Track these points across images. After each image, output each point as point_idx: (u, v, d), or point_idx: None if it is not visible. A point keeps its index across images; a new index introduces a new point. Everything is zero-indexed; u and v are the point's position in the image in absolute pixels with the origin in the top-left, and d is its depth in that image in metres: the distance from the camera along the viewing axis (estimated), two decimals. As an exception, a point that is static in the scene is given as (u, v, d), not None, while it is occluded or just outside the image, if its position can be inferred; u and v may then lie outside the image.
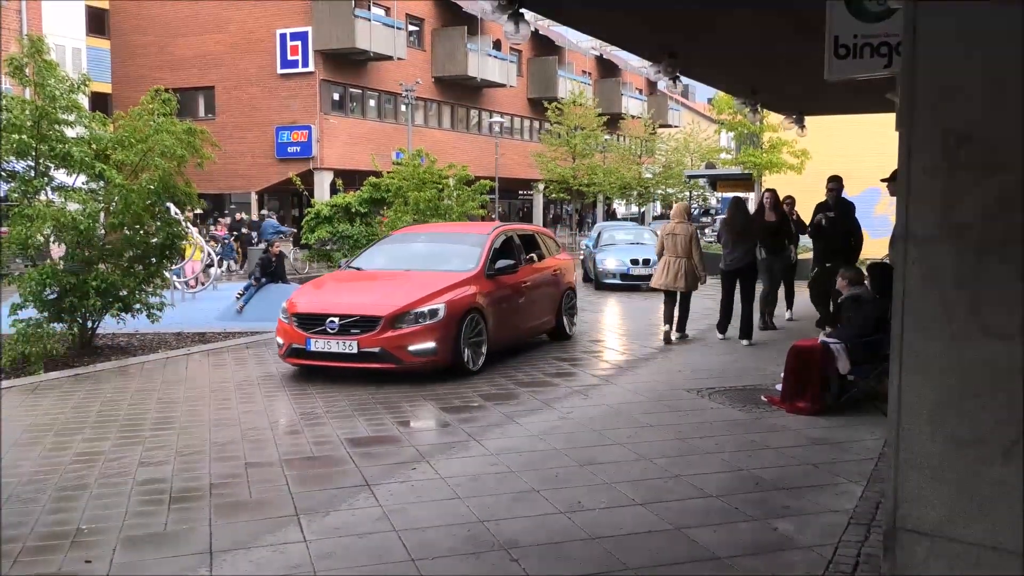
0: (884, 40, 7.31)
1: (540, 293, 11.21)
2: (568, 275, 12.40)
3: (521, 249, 11.17)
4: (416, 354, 8.91)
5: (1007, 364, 3.49)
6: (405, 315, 8.97)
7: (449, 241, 11.29)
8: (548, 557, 4.44)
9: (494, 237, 10.66)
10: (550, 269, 11.76)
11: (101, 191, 11.12)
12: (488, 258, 10.20)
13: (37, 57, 10.92)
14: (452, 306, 9.17)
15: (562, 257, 12.56)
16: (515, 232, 11.51)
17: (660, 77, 10.62)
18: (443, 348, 9.04)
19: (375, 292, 9.60)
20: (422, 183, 21.01)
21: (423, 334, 8.93)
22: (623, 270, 19.79)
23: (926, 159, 3.65)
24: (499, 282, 10.16)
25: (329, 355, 8.99)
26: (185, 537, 4.88)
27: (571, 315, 12.32)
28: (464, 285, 9.60)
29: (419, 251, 10.91)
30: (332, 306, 9.25)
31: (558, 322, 11.84)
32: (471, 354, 9.40)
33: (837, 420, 7.23)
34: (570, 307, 12.27)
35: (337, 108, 36.18)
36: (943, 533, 3.69)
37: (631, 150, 49.99)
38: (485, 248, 10.33)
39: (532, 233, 12.25)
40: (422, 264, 10.31)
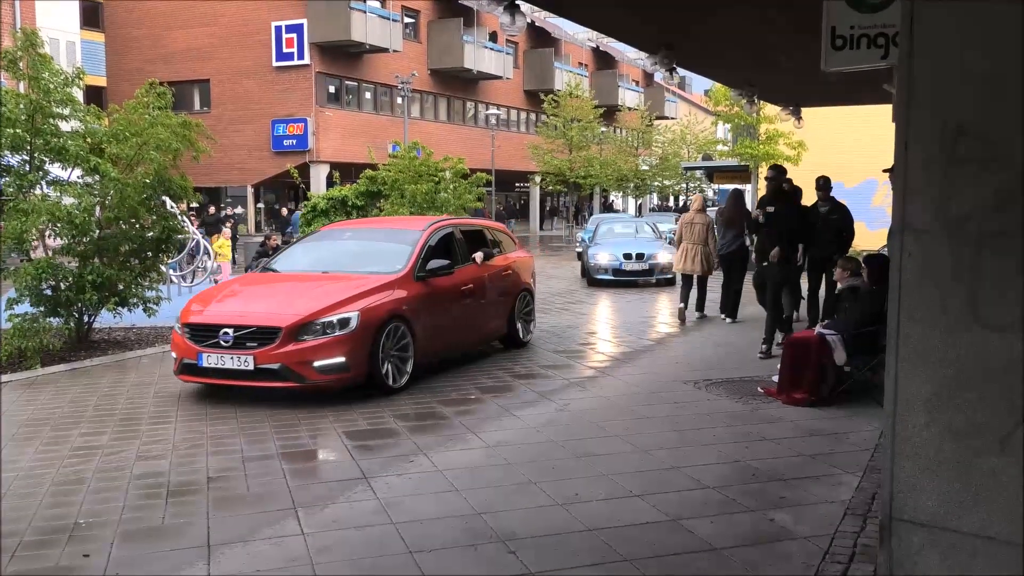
0: (881, 31, 7.29)
1: (487, 296, 10.02)
2: (523, 275, 11.15)
3: (463, 247, 9.93)
4: (323, 371, 7.70)
5: (1003, 356, 3.50)
6: (309, 325, 7.77)
7: (378, 239, 9.84)
8: (546, 549, 4.45)
9: (429, 234, 9.42)
10: (500, 269, 10.48)
11: (96, 185, 11.08)
12: (419, 258, 8.96)
13: (31, 50, 10.88)
14: (368, 314, 7.96)
15: (517, 255, 11.30)
16: (458, 228, 10.25)
17: (657, 69, 10.63)
18: (356, 363, 7.84)
19: (278, 299, 8.41)
20: (418, 176, 20.97)
21: (331, 347, 7.74)
22: (616, 265, 18.92)
23: (923, 152, 3.65)
24: (431, 285, 8.93)
25: (223, 372, 7.81)
26: (183, 531, 4.89)
27: (527, 320, 11.08)
28: (386, 289, 8.39)
29: (344, 250, 9.66)
30: (227, 315, 8.11)
31: (510, 328, 10.63)
32: (393, 369, 8.18)
33: (833, 411, 7.24)
34: (526, 311, 11.02)
35: (333, 101, 36.12)
36: (939, 523, 3.71)
37: (628, 142, 49.98)
38: (416, 247, 9.08)
39: (480, 228, 11.01)
40: (344, 265, 9.10)
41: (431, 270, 8.97)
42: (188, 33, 35.70)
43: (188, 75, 35.22)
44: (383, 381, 8.06)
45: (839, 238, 10.78)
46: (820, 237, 10.75)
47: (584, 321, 13.81)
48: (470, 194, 21.62)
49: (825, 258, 10.64)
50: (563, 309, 15.18)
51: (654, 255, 18.96)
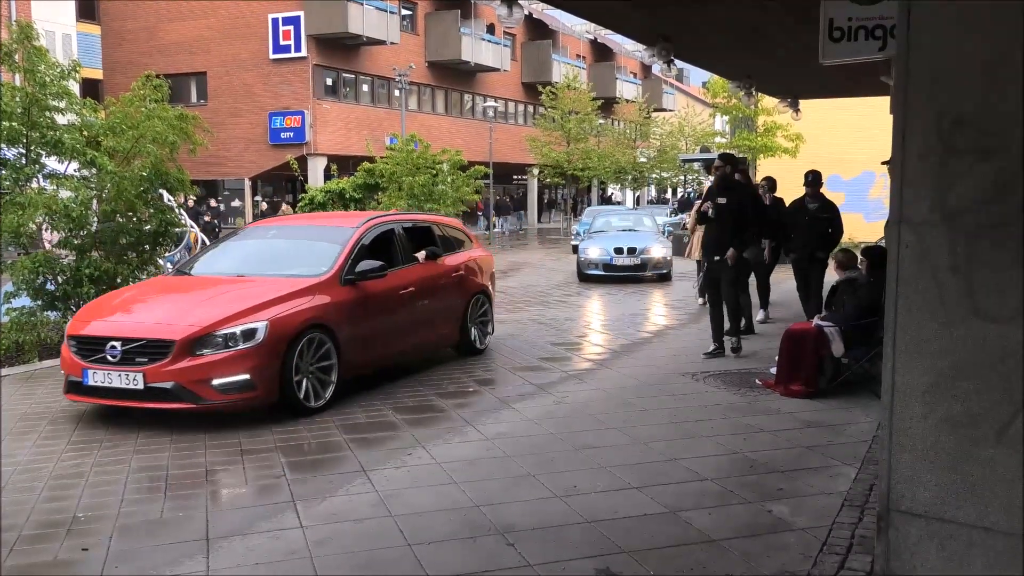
0: (879, 23, 7.29)
1: (433, 300, 9.04)
2: (479, 276, 10.13)
3: (406, 245, 8.99)
4: (224, 390, 6.75)
5: (1000, 346, 3.51)
6: (208, 338, 6.81)
7: (305, 237, 8.90)
8: (545, 541, 4.46)
9: (363, 232, 8.45)
10: (449, 270, 9.51)
11: (93, 178, 11.07)
12: (348, 259, 8.00)
13: (26, 43, 10.85)
14: (279, 324, 7.01)
15: (473, 254, 10.26)
16: (400, 224, 9.25)
17: (654, 61, 10.59)
18: (264, 380, 6.88)
19: (177, 307, 7.48)
20: (416, 168, 20.96)
21: (233, 363, 6.78)
22: (606, 259, 18.00)
23: (920, 143, 3.65)
24: (362, 289, 7.97)
25: (110, 392, 6.85)
26: (182, 524, 4.89)
27: (483, 325, 10.09)
28: (304, 295, 7.45)
29: (266, 251, 8.72)
30: (115, 326, 7.12)
31: (463, 334, 9.64)
32: (312, 386, 7.26)
33: (831, 403, 7.25)
34: (481, 316, 10.04)
35: (330, 93, 36.02)
36: (936, 514, 3.72)
37: (626, 134, 49.91)
38: (346, 246, 8.13)
39: (427, 225, 9.88)
40: (263, 268, 8.17)
41: (361, 272, 7.96)
42: (184, 25, 35.58)
43: (185, 67, 35.11)
44: (297, 400, 7.09)
45: (827, 237, 10.42)
46: (807, 235, 10.37)
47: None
48: (467, 186, 21.61)
49: (811, 257, 10.43)
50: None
51: (647, 249, 18.09)
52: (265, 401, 6.97)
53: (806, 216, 10.44)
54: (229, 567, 4.25)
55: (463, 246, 10.20)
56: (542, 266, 22.87)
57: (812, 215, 10.41)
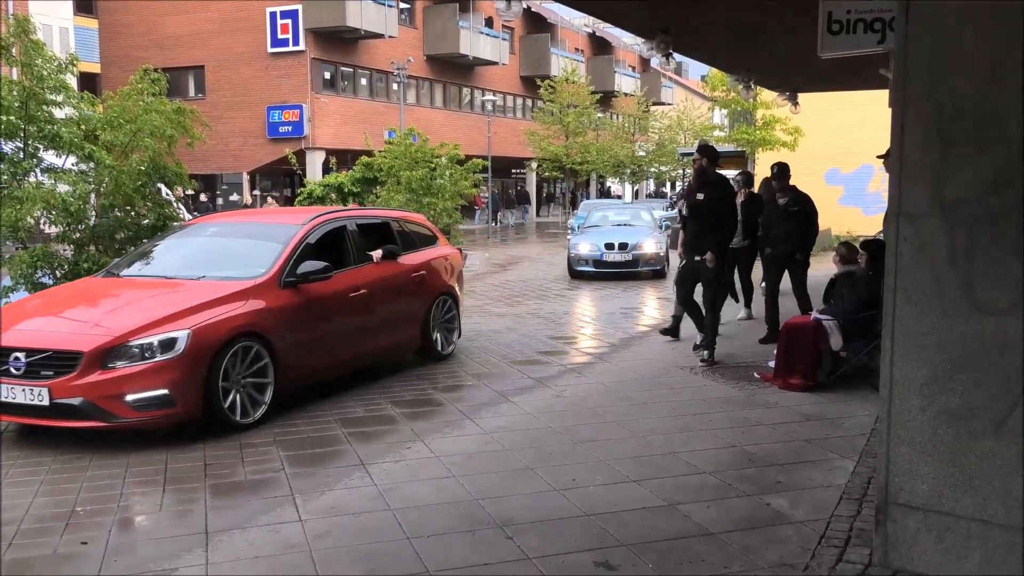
0: (878, 16, 7.28)
1: (390, 302, 8.41)
2: (444, 276, 9.41)
3: (359, 244, 8.31)
4: (138, 406, 6.10)
5: (998, 339, 3.51)
6: (120, 348, 6.14)
7: (246, 236, 8.18)
8: (544, 534, 4.46)
9: (309, 229, 7.80)
10: (409, 270, 8.78)
11: (91, 172, 11.04)
12: (289, 260, 7.35)
13: (23, 37, 10.81)
14: (203, 333, 6.37)
15: (438, 252, 9.56)
16: (354, 220, 8.52)
17: (653, 54, 10.57)
18: (185, 395, 6.24)
19: (91, 314, 6.80)
20: (414, 162, 20.94)
21: (149, 376, 6.12)
22: (596, 256, 17.25)
23: (919, 136, 3.65)
24: (304, 293, 7.32)
25: (15, 408, 6.17)
26: (180, 518, 4.90)
27: (448, 329, 9.40)
28: (236, 300, 6.80)
29: (203, 250, 8.04)
30: (21, 335, 6.36)
31: (425, 339, 8.97)
32: (244, 400, 6.63)
33: (830, 396, 7.26)
34: (447, 319, 9.37)
35: (329, 87, 35.96)
36: (934, 507, 3.73)
37: (624, 128, 49.88)
38: (288, 246, 7.48)
39: (385, 221, 9.09)
40: (196, 269, 7.47)
41: (303, 274, 7.30)
42: (182, 19, 35.49)
43: (182, 61, 35.04)
44: (225, 416, 6.45)
45: (802, 233, 9.64)
46: (778, 232, 9.60)
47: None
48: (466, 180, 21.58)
49: (785, 255, 9.68)
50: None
51: (639, 244, 17.28)
52: (187, 418, 6.32)
53: (777, 212, 9.71)
54: (228, 560, 4.25)
55: (427, 244, 9.46)
56: (540, 260, 22.86)
57: (783, 211, 9.63)
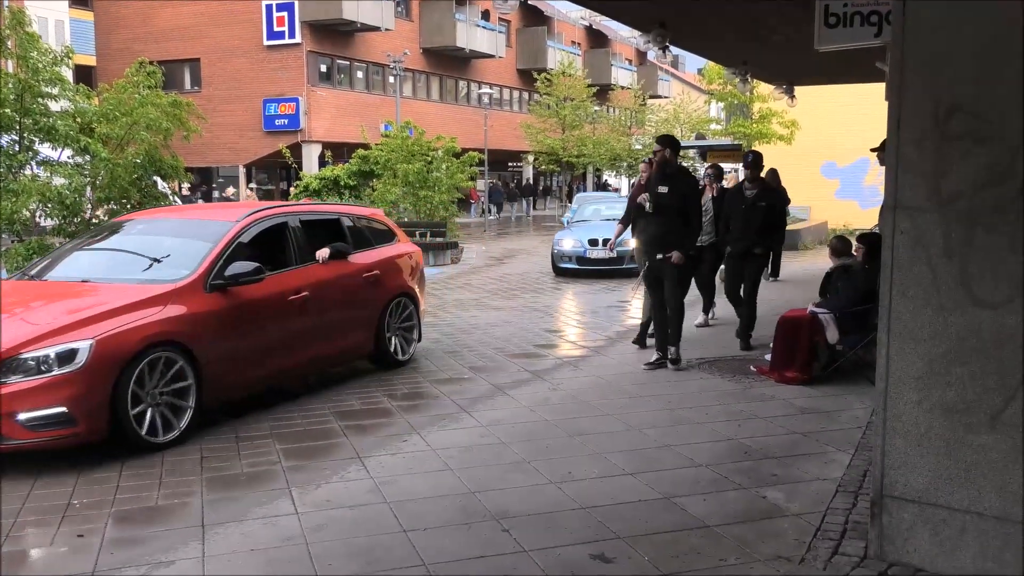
0: (874, 9, 7.29)
1: (337, 305, 7.75)
2: (402, 275, 8.71)
3: (302, 242, 7.62)
4: (33, 425, 5.46)
5: (994, 332, 3.52)
6: (12, 362, 5.51)
7: (173, 233, 7.50)
8: (539, 527, 4.47)
9: (243, 226, 7.14)
10: (360, 270, 8.07)
11: (87, 165, 11.03)
12: (218, 260, 6.69)
13: (19, 29, 10.79)
14: (109, 343, 5.70)
15: (395, 250, 8.81)
16: (297, 216, 7.82)
17: (650, 47, 10.56)
18: (87, 413, 5.60)
19: None
20: (411, 155, 20.93)
21: (45, 392, 5.50)
22: (580, 252, 16.37)
23: (915, 129, 3.65)
24: (234, 296, 6.66)
25: None
26: (177, 511, 4.90)
27: (406, 333, 8.67)
28: (153, 305, 6.14)
29: (128, 249, 7.27)
30: None
31: (379, 344, 8.25)
32: (160, 417, 5.99)
33: (826, 389, 7.27)
34: (404, 322, 8.63)
35: (325, 80, 35.90)
36: (929, 499, 3.74)
37: (621, 121, 49.84)
38: (218, 245, 6.81)
39: (334, 217, 8.43)
40: (117, 271, 6.87)
41: (232, 276, 6.65)
42: (178, 11, 35.39)
43: (178, 54, 34.95)
44: (136, 435, 5.81)
45: (769, 229, 9.10)
46: (744, 226, 8.92)
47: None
48: (462, 173, 21.55)
49: (747, 252, 9.02)
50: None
51: (625, 240, 15.35)
52: (89, 438, 5.66)
53: (742, 204, 9.00)
54: (224, 553, 4.25)
55: (384, 241, 8.77)
56: (536, 253, 22.83)
57: (749, 203, 8.95)
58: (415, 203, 21.34)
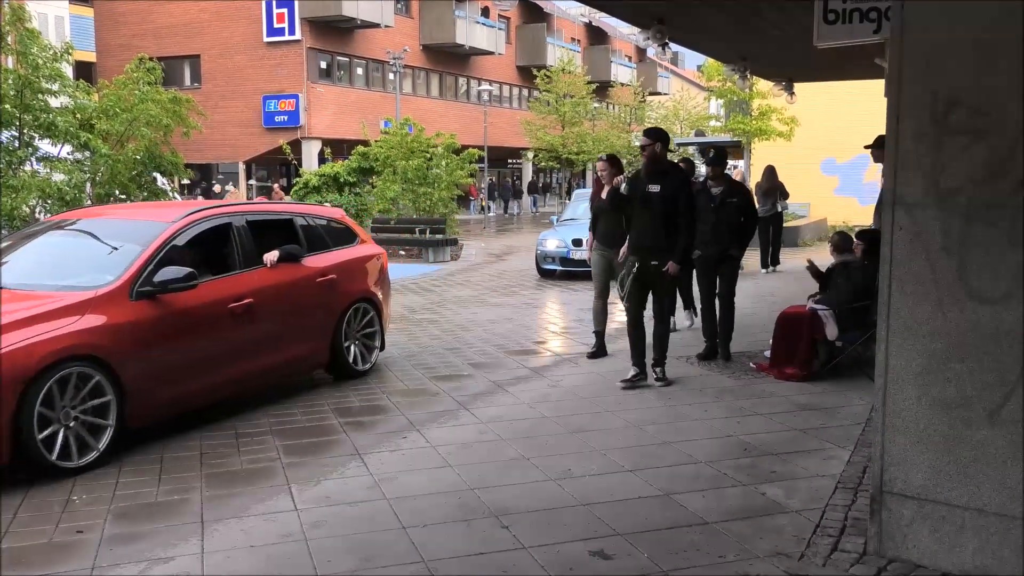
0: (873, 6, 7.29)
1: (286, 312, 7.16)
2: (362, 279, 8.12)
3: (247, 245, 7.00)
4: None
5: (993, 328, 3.52)
6: None
7: (103, 234, 6.71)
8: (539, 524, 4.47)
9: (179, 227, 6.53)
10: (314, 273, 7.50)
11: (87, 161, 11.04)
12: (146, 265, 6.08)
13: (19, 25, 10.79)
14: (11, 358, 5.17)
15: (354, 252, 8.22)
16: (242, 216, 7.16)
17: (649, 44, 10.54)
18: None
19: None
20: (410, 152, 20.93)
21: None
22: (563, 252, 15.63)
23: (914, 124, 3.65)
24: (164, 305, 6.07)
25: None
26: (176, 507, 4.90)
27: (368, 341, 8.10)
28: (67, 315, 5.58)
29: (51, 252, 6.82)
30: None
31: (335, 353, 7.67)
32: (75, 439, 5.44)
33: (825, 386, 7.27)
34: (365, 329, 8.07)
35: (324, 76, 35.87)
36: (928, 496, 3.74)
37: (620, 118, 49.87)
38: (148, 248, 6.21)
39: (286, 217, 7.81)
40: (38, 276, 6.25)
41: (161, 283, 6.04)
42: (178, 8, 35.34)
43: (178, 50, 34.92)
44: (44, 459, 5.26)
45: (737, 228, 8.40)
46: (713, 227, 8.26)
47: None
48: (462, 170, 21.55)
49: (720, 255, 8.37)
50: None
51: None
52: None
53: (710, 203, 8.35)
54: (224, 549, 4.25)
55: (344, 243, 8.19)
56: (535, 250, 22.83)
57: (718, 202, 8.37)
58: (414, 200, 21.36)
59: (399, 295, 13.93)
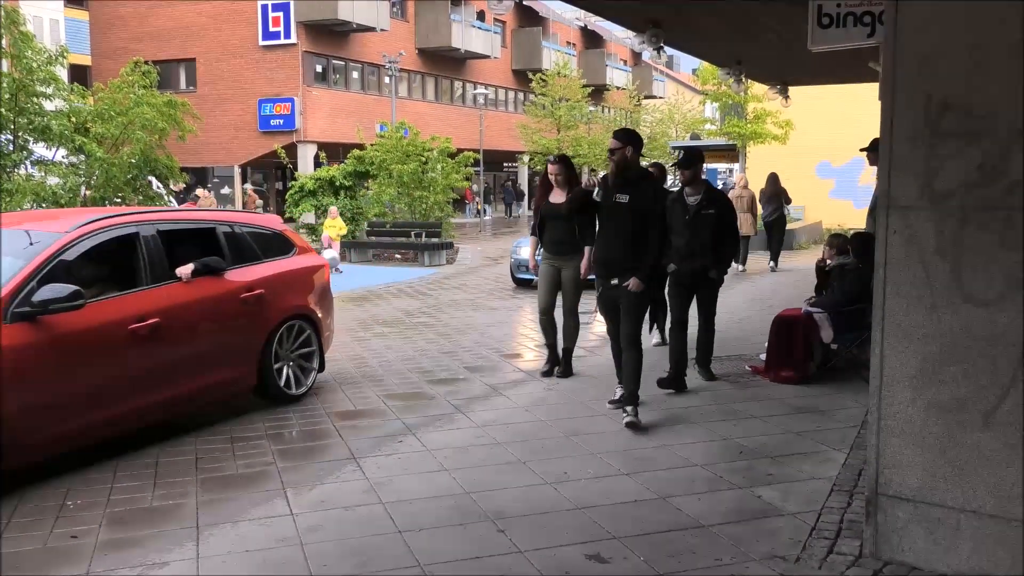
0: (867, 9, 7.30)
1: (200, 332, 6.42)
2: (297, 294, 7.33)
3: (157, 257, 6.22)
4: None
5: (987, 330, 3.53)
6: None
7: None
8: (535, 527, 4.47)
9: (71, 239, 5.77)
10: (237, 288, 6.71)
11: (82, 165, 11.02)
12: (26, 282, 5.34)
13: (13, 28, 10.78)
14: None
15: (291, 264, 7.43)
16: (152, 225, 6.35)
17: (644, 48, 10.54)
18: None
19: None
20: (406, 156, 20.94)
21: None
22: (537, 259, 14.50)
23: (908, 127, 3.66)
24: (47, 328, 5.32)
25: None
26: (171, 512, 4.89)
27: (304, 361, 7.33)
28: None
29: None
30: None
31: (264, 376, 6.89)
32: None
33: (821, 388, 7.28)
34: (300, 349, 7.28)
35: (320, 80, 35.86)
36: (924, 498, 3.74)
37: (616, 121, 49.89)
38: (32, 262, 5.49)
39: (207, 226, 6.97)
40: None
41: (42, 303, 5.28)
42: (174, 11, 35.31)
43: (174, 54, 34.88)
44: None
45: (719, 242, 7.38)
46: (689, 241, 7.28)
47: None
48: (457, 173, 21.55)
49: (694, 273, 7.38)
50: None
51: None
52: None
53: (685, 215, 7.35)
54: (219, 554, 4.24)
55: (277, 254, 7.37)
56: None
57: (693, 212, 7.35)
58: (410, 203, 21.36)
59: (395, 298, 13.93)
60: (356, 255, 20.06)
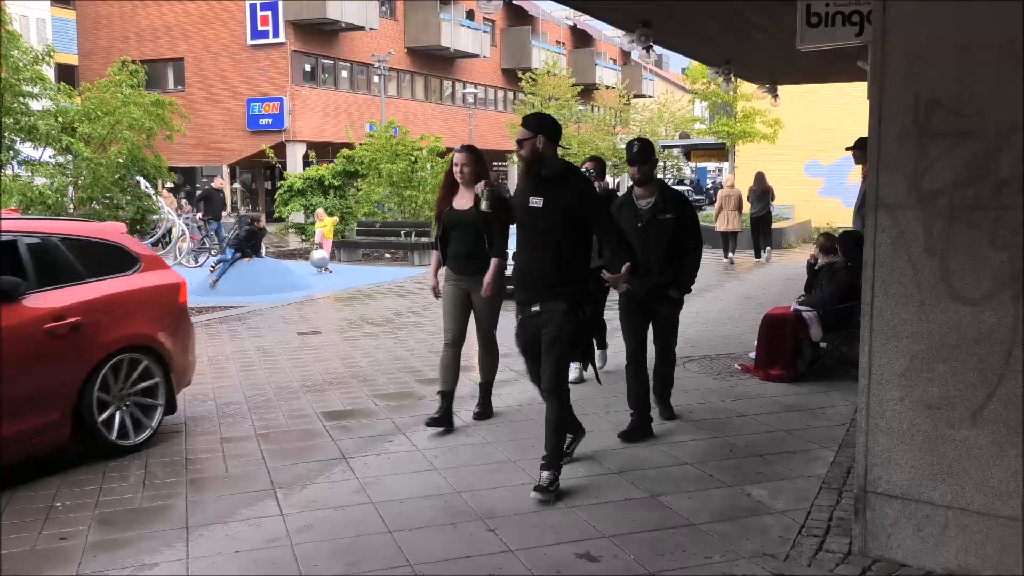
0: (856, 8, 7.33)
1: None
2: (128, 322, 6.00)
3: None
4: None
5: (975, 328, 3.54)
6: None
7: None
8: (525, 527, 4.47)
9: None
10: (41, 316, 5.42)
11: (69, 165, 10.97)
12: None
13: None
14: None
15: (128, 283, 6.18)
16: None
17: (634, 47, 10.54)
18: None
19: None
20: (395, 155, 20.91)
21: None
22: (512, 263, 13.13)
23: (896, 126, 3.67)
24: None
25: None
26: (161, 513, 4.87)
27: (143, 402, 6.06)
28: None
29: None
30: None
31: (83, 424, 5.61)
32: None
33: (810, 387, 7.30)
34: (137, 387, 6.01)
35: (309, 79, 35.78)
36: (912, 495, 3.76)
37: (605, 120, 49.90)
38: None
39: (6, 239, 5.52)
40: None
41: None
42: (161, 10, 35.18)
43: (161, 53, 34.77)
44: None
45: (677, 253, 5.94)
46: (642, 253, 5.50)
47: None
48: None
49: (652, 291, 5.95)
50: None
51: None
52: None
53: (637, 221, 5.91)
54: (209, 555, 4.23)
55: (112, 270, 6.15)
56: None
57: (647, 219, 5.92)
58: (400, 203, 21.32)
59: (384, 298, 13.90)
60: (346, 255, 20.03)
